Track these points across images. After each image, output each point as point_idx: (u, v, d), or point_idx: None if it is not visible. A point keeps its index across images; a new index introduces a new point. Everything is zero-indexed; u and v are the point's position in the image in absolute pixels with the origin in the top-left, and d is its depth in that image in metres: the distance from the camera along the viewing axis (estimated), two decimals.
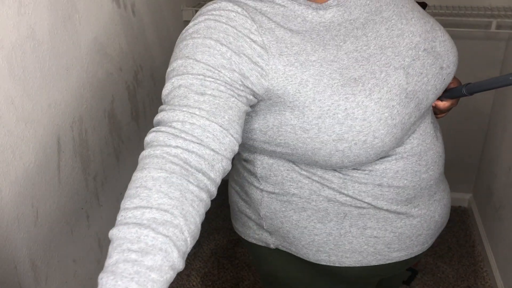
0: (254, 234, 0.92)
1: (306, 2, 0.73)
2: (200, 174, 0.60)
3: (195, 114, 0.62)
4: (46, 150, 1.14)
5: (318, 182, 0.79)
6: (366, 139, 0.70)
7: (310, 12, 0.73)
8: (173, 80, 0.66)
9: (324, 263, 0.85)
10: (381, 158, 0.77)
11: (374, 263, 0.84)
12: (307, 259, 0.87)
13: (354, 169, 0.77)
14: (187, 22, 1.97)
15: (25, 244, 1.12)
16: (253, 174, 0.85)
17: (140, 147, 1.64)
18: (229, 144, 0.64)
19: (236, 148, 0.66)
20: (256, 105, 0.73)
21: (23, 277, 1.13)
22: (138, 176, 0.59)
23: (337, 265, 0.85)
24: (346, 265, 0.84)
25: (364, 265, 0.84)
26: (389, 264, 0.86)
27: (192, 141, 0.61)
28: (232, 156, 0.66)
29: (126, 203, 0.57)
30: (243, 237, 0.96)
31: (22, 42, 1.02)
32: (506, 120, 1.89)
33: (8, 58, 0.98)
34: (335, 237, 0.82)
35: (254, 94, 0.70)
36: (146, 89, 1.64)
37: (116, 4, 1.37)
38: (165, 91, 0.67)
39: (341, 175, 0.78)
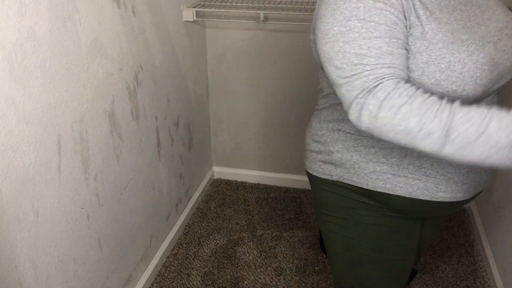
0: (319, 168, 1.10)
1: None
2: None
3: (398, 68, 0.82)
4: (47, 150, 1.14)
5: None
6: (457, 90, 0.86)
7: None
8: (361, 43, 0.82)
9: (380, 190, 1.00)
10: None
11: (421, 197, 0.99)
12: (365, 187, 1.02)
13: None
14: (187, 22, 1.96)
15: (26, 244, 1.12)
16: (335, 120, 1.04)
17: (140, 147, 1.64)
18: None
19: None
20: None
21: (24, 277, 1.14)
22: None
23: (390, 192, 1.00)
24: (398, 194, 0.99)
25: (413, 197, 0.99)
26: (433, 202, 0.99)
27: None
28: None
29: None
30: (309, 171, 1.15)
31: (22, 42, 1.02)
32: None
33: (9, 58, 0.99)
34: (394, 170, 0.99)
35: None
36: (146, 89, 1.64)
37: (116, 4, 1.37)
38: (351, 50, 0.83)
39: None
